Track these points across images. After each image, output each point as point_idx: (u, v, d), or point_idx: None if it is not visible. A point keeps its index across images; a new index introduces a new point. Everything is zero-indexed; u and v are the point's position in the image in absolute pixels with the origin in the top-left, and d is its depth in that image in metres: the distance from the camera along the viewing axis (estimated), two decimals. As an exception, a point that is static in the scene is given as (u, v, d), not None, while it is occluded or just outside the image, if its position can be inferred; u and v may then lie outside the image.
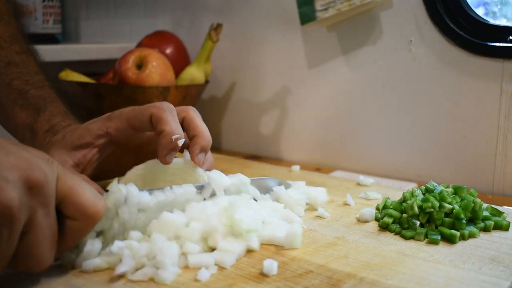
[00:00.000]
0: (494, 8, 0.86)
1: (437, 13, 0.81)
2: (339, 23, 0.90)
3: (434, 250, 0.52)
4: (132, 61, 0.91)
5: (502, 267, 0.48)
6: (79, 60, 1.11)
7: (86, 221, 0.44)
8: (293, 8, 0.92)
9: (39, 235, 0.41)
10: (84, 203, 0.43)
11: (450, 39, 0.80)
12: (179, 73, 0.99)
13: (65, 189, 0.42)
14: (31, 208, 0.39)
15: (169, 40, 1.04)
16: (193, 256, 0.48)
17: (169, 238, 0.50)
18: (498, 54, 0.77)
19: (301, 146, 0.99)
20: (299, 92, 0.98)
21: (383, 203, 0.62)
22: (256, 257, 0.50)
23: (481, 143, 0.80)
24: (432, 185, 0.60)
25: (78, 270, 0.46)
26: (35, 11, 1.15)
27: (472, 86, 0.80)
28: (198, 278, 0.45)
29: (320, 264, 0.49)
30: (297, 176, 0.79)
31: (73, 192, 0.43)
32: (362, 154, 0.92)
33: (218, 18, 1.04)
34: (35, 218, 0.40)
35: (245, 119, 1.06)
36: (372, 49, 0.88)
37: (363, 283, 0.45)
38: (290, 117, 0.99)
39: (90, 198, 0.43)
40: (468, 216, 0.57)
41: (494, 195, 0.79)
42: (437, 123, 0.83)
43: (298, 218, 0.58)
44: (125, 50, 1.04)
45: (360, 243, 0.54)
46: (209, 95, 1.10)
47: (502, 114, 0.78)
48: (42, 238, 0.41)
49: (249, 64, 1.04)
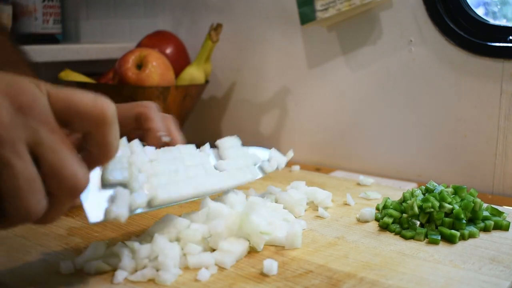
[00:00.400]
0: (494, 8, 0.86)
1: (437, 13, 0.81)
2: (339, 23, 0.90)
3: (434, 250, 0.52)
4: (132, 61, 0.91)
5: (502, 267, 0.48)
6: (79, 60, 1.11)
7: (99, 125, 0.40)
8: (293, 8, 0.92)
9: (55, 152, 0.37)
10: (86, 107, 0.39)
11: (450, 39, 0.80)
12: (179, 73, 0.99)
13: (60, 102, 0.39)
14: (30, 128, 0.37)
15: (169, 40, 1.04)
16: (193, 256, 0.48)
17: (171, 239, 0.50)
18: (498, 54, 0.77)
19: (301, 146, 0.99)
20: (299, 92, 0.98)
21: (383, 203, 0.62)
22: (256, 257, 0.50)
23: (481, 143, 0.80)
24: (432, 185, 0.60)
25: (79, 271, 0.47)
26: (35, 11, 1.15)
27: (472, 86, 0.80)
28: (198, 278, 0.45)
29: (320, 264, 0.49)
30: (297, 176, 0.79)
31: (71, 102, 0.39)
32: (362, 154, 0.92)
33: (218, 18, 1.04)
34: (40, 136, 0.37)
35: (245, 119, 1.06)
36: (372, 49, 0.88)
37: (363, 283, 0.45)
38: (290, 117, 0.99)
39: (91, 100, 0.40)
40: (468, 216, 0.57)
41: (494, 195, 0.79)
42: (437, 123, 0.83)
43: (298, 219, 0.58)
44: (125, 50, 1.04)
45: (360, 243, 0.54)
46: (209, 95, 1.10)
47: (502, 114, 0.78)
48: (60, 154, 0.37)
49: (249, 64, 1.04)
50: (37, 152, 0.37)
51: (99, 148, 0.40)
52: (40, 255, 0.50)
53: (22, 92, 0.37)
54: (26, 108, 0.37)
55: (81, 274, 0.46)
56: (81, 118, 0.39)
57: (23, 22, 1.14)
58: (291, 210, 0.61)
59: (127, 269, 0.46)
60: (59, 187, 0.38)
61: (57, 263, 0.47)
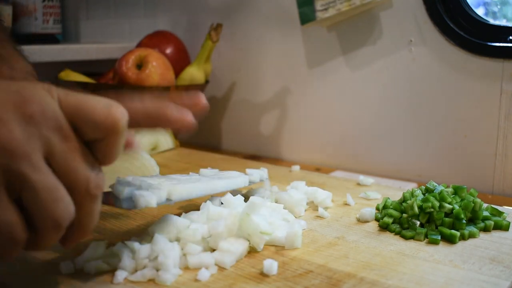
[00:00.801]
0: (494, 8, 0.86)
1: (437, 13, 0.81)
2: (339, 23, 0.90)
3: (434, 250, 0.52)
4: (132, 61, 0.91)
5: (502, 267, 0.48)
6: (79, 60, 1.11)
7: (109, 134, 0.39)
8: (293, 8, 0.92)
9: (68, 160, 0.37)
10: (98, 115, 0.38)
11: (450, 39, 0.80)
12: (179, 73, 0.99)
13: (71, 107, 0.38)
14: (43, 137, 0.36)
15: (169, 40, 1.04)
16: (193, 256, 0.48)
17: (171, 239, 0.50)
18: (498, 54, 0.77)
19: (301, 146, 0.99)
20: (299, 92, 0.98)
21: (383, 203, 0.62)
22: (256, 257, 0.50)
23: (481, 143, 0.80)
24: (432, 185, 0.60)
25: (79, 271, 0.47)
26: (35, 11, 1.15)
27: (472, 86, 0.80)
28: (198, 278, 0.45)
29: (320, 264, 0.49)
30: (297, 176, 0.79)
31: (82, 108, 0.38)
32: (362, 154, 0.92)
33: (218, 18, 1.04)
34: (53, 145, 0.36)
35: (245, 119, 1.06)
36: (372, 49, 0.88)
37: (363, 283, 0.45)
38: (290, 117, 0.99)
39: (103, 108, 0.38)
40: (468, 216, 0.57)
41: (494, 195, 0.79)
42: (437, 123, 0.83)
43: (298, 219, 0.58)
44: (125, 50, 1.04)
45: (360, 243, 0.54)
46: (209, 95, 1.10)
47: (502, 114, 0.78)
48: (72, 161, 0.37)
49: (249, 64, 1.04)
50: (50, 161, 0.36)
51: (104, 155, 0.40)
52: (40, 255, 0.50)
53: (31, 100, 0.36)
54: (37, 117, 0.36)
55: (81, 274, 0.46)
56: (92, 128, 0.38)
57: (23, 22, 1.14)
58: (291, 210, 0.61)
59: (127, 269, 0.46)
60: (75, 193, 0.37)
61: (57, 263, 0.47)
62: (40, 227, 0.36)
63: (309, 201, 0.65)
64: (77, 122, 0.38)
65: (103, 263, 0.46)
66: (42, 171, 0.35)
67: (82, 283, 0.44)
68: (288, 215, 0.58)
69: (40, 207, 0.35)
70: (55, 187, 0.36)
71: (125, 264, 0.46)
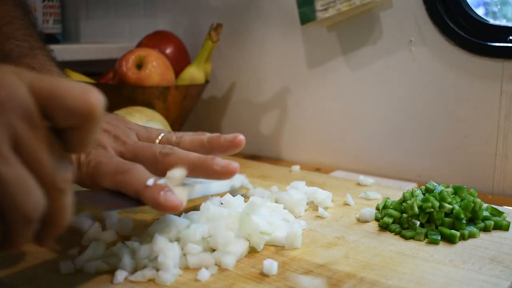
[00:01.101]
0: (494, 8, 0.86)
1: (437, 13, 0.81)
2: (339, 23, 0.90)
3: (434, 250, 0.52)
4: (132, 61, 0.91)
5: (502, 267, 0.48)
6: (79, 60, 1.11)
7: (84, 122, 0.35)
8: (293, 8, 0.92)
9: (34, 151, 0.34)
10: (72, 100, 0.35)
11: (450, 39, 0.80)
12: (179, 73, 0.99)
13: (44, 93, 0.34)
14: (9, 126, 0.33)
15: (169, 40, 1.04)
16: (193, 256, 0.48)
17: (171, 239, 0.50)
18: (498, 54, 0.77)
19: (301, 146, 0.99)
20: (299, 92, 0.98)
21: (383, 203, 0.62)
22: (256, 257, 0.50)
23: (481, 143, 0.80)
24: (432, 185, 0.60)
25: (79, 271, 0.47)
26: (35, 11, 1.15)
27: (472, 86, 0.80)
28: (198, 278, 0.45)
29: (320, 264, 0.49)
30: (297, 176, 0.79)
31: (55, 93, 0.35)
32: (362, 154, 0.92)
33: (218, 18, 1.04)
34: (20, 133, 0.34)
35: (245, 119, 1.06)
36: (372, 49, 0.88)
37: (363, 283, 0.45)
38: (290, 117, 0.99)
39: (77, 93, 0.35)
40: (468, 216, 0.57)
41: (494, 195, 0.79)
42: (437, 123, 0.83)
43: (298, 219, 0.58)
44: (125, 50, 1.04)
45: (360, 243, 0.54)
46: (209, 95, 1.10)
47: (502, 114, 0.78)
48: (39, 153, 0.34)
49: (249, 64, 1.04)
50: (18, 151, 0.34)
51: (77, 144, 0.37)
52: (40, 255, 0.50)
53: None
54: (2, 103, 0.33)
55: (81, 274, 0.46)
56: (66, 114, 0.35)
57: (23, 22, 1.14)
58: (291, 210, 0.61)
59: (127, 269, 0.46)
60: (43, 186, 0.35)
61: (57, 263, 0.47)
62: (9, 222, 0.34)
63: (309, 201, 0.65)
64: (50, 108, 0.35)
65: (103, 263, 0.46)
66: (9, 161, 0.33)
67: (82, 283, 0.44)
68: (288, 215, 0.58)
69: (8, 200, 0.33)
70: (24, 179, 0.34)
71: (125, 264, 0.46)
